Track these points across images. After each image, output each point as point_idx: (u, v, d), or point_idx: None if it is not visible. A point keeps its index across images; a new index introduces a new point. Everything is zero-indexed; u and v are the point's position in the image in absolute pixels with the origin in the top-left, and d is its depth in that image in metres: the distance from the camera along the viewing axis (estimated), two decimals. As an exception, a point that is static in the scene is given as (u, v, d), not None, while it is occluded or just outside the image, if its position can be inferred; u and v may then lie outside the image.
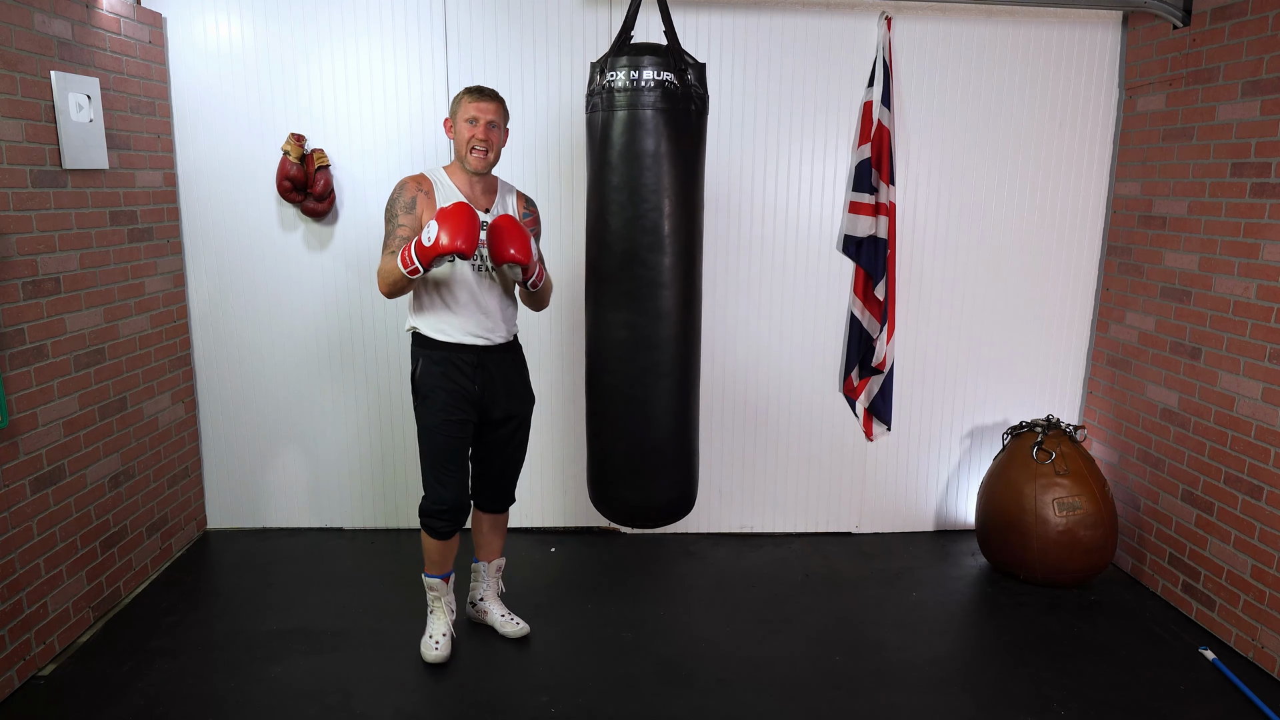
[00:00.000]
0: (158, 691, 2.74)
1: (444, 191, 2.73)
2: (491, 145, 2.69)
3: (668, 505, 2.67)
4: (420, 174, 2.77)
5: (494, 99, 2.71)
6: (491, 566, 3.13)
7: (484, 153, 2.69)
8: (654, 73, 2.37)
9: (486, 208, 2.76)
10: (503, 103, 2.74)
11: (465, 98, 2.69)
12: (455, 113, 2.71)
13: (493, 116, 2.69)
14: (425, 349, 2.78)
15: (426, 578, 2.97)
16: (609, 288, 2.53)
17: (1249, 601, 3.02)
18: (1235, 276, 3.09)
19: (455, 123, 2.70)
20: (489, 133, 2.68)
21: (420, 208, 2.68)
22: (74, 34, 2.94)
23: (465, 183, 2.75)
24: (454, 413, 2.77)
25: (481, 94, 2.70)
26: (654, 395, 2.54)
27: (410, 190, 2.70)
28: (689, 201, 2.49)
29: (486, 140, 2.68)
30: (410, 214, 2.68)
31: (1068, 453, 3.49)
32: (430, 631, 2.97)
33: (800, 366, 3.89)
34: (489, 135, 2.68)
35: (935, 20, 3.61)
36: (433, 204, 2.69)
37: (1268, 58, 2.93)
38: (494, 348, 2.82)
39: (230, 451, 3.88)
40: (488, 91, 2.71)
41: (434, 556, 2.93)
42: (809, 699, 2.77)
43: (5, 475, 2.66)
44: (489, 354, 2.81)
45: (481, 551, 3.13)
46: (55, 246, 2.86)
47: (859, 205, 3.66)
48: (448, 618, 3.00)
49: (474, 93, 2.70)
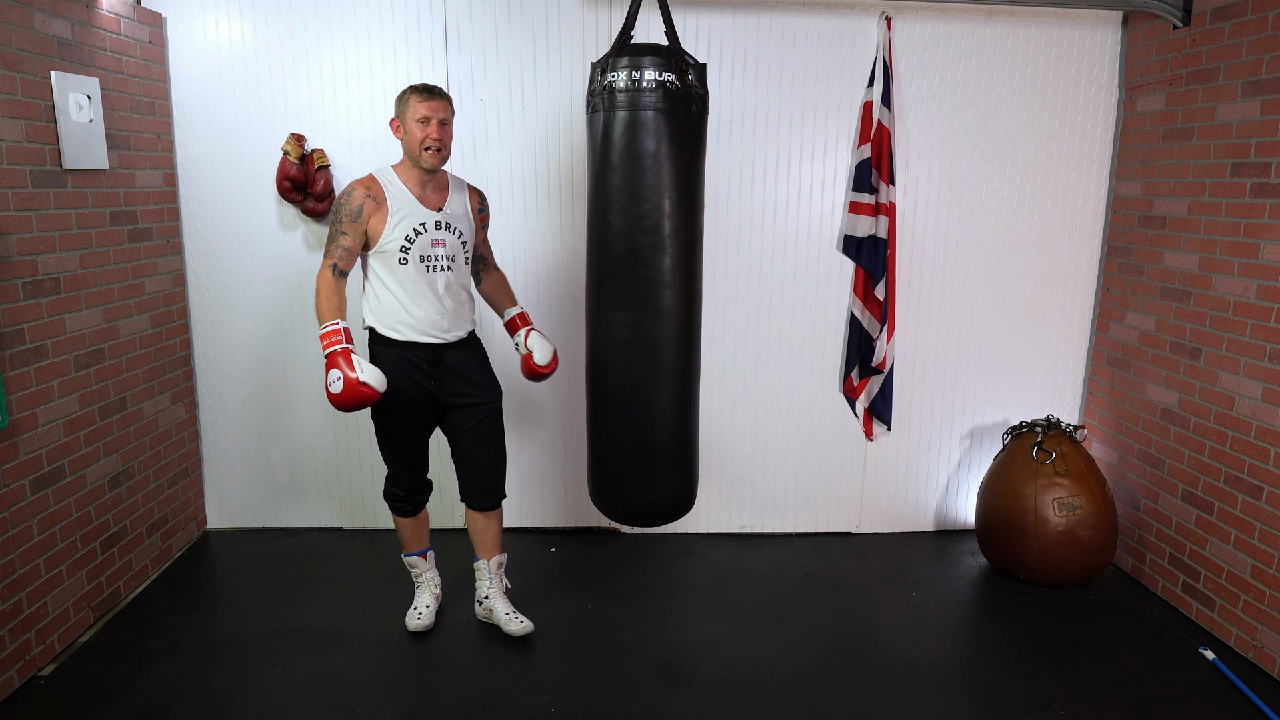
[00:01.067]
0: (158, 691, 2.74)
1: (394, 193, 2.75)
2: (445, 144, 2.74)
3: (668, 504, 2.67)
4: (369, 176, 2.79)
5: (443, 96, 2.75)
6: (492, 564, 3.12)
7: (437, 151, 2.73)
8: (655, 73, 2.37)
9: (439, 206, 2.81)
10: (450, 99, 2.78)
11: (414, 97, 2.72)
12: (403, 113, 2.73)
13: (444, 115, 2.73)
14: (381, 346, 2.84)
15: (405, 557, 3.14)
16: (610, 288, 2.53)
17: (1249, 601, 3.02)
18: (1235, 276, 3.09)
19: (405, 123, 2.73)
20: (442, 131, 2.72)
21: (368, 214, 2.71)
22: (74, 34, 2.94)
23: (416, 182, 2.79)
24: (407, 408, 2.85)
25: (431, 93, 2.73)
26: (655, 395, 2.54)
27: (358, 198, 2.72)
28: (690, 201, 2.50)
29: (440, 139, 2.72)
30: (355, 223, 2.71)
31: (1068, 453, 3.49)
32: (415, 603, 3.13)
33: (800, 366, 3.89)
34: (442, 134, 2.72)
35: (935, 20, 3.61)
36: (383, 210, 2.73)
37: (1268, 58, 2.94)
38: (450, 344, 2.87)
39: (230, 451, 3.88)
40: (436, 90, 2.75)
41: (405, 534, 3.10)
42: (809, 699, 2.77)
43: (5, 475, 2.66)
44: (445, 350, 2.86)
45: (480, 550, 3.12)
46: (55, 246, 2.86)
47: (859, 205, 3.66)
48: (432, 590, 3.16)
49: (423, 92, 2.72)
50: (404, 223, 2.74)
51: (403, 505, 3.04)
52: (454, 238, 2.83)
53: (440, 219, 2.80)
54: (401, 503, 3.03)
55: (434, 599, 3.16)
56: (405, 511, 3.05)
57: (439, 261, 2.79)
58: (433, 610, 3.13)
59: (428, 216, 2.78)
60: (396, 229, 2.73)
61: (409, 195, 2.77)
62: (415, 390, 2.84)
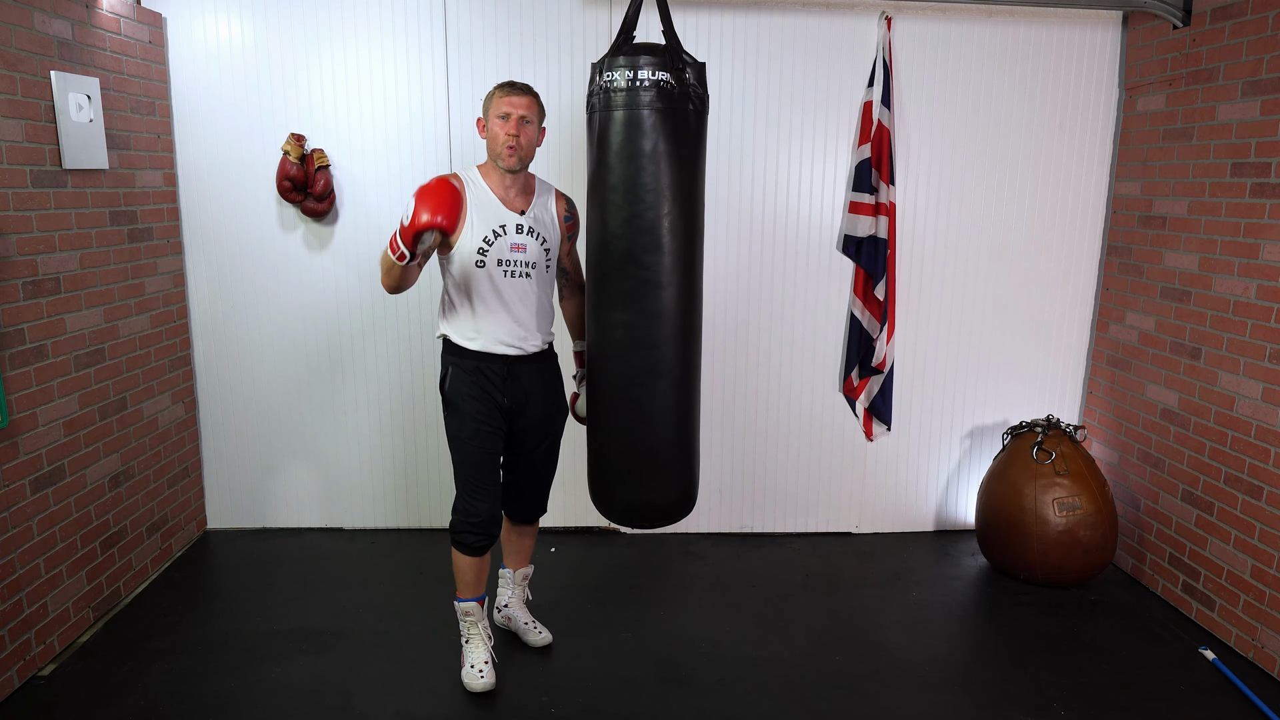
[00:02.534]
0: (158, 691, 2.74)
1: (475, 191, 2.58)
2: (525, 143, 2.54)
3: (666, 506, 2.66)
4: (453, 173, 2.63)
5: (526, 93, 2.56)
6: (518, 574, 3.09)
7: (513, 149, 2.53)
8: (651, 73, 2.37)
9: (523, 209, 2.62)
10: (536, 97, 2.59)
11: (497, 93, 2.55)
12: (487, 109, 2.57)
13: (524, 111, 2.54)
14: (455, 357, 2.67)
15: (459, 603, 2.80)
16: (607, 287, 2.53)
17: (1249, 601, 3.02)
18: (1235, 276, 3.09)
19: (487, 120, 2.57)
20: (521, 128, 2.53)
21: None
22: (74, 34, 2.94)
23: (499, 183, 2.61)
24: (485, 424, 2.65)
25: (514, 88, 2.55)
26: (651, 395, 2.54)
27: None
28: (688, 202, 2.49)
29: (517, 135, 2.52)
30: None
31: (1068, 453, 3.49)
32: (471, 661, 2.78)
33: (800, 366, 3.89)
34: (520, 130, 2.53)
35: (935, 20, 3.61)
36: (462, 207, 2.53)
37: (1268, 58, 2.93)
38: (526, 358, 2.69)
39: (230, 451, 3.88)
40: (519, 85, 2.57)
41: (467, 576, 2.75)
42: (809, 699, 2.77)
43: (5, 475, 2.66)
44: (520, 364, 2.68)
45: (509, 559, 3.08)
46: (55, 246, 2.86)
47: (859, 205, 3.66)
48: (487, 644, 2.82)
49: (505, 87, 2.56)
50: (482, 223, 2.56)
51: (477, 540, 2.69)
52: (536, 243, 2.63)
53: (522, 222, 2.60)
54: (474, 536, 2.69)
55: (490, 651, 2.81)
56: (477, 549, 2.71)
57: (519, 267, 2.60)
58: (493, 666, 2.78)
59: (509, 218, 2.59)
60: (475, 229, 2.55)
61: (490, 195, 2.59)
62: (489, 403, 2.66)
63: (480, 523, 2.69)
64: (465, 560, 2.74)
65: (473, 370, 2.65)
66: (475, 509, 2.68)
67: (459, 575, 2.78)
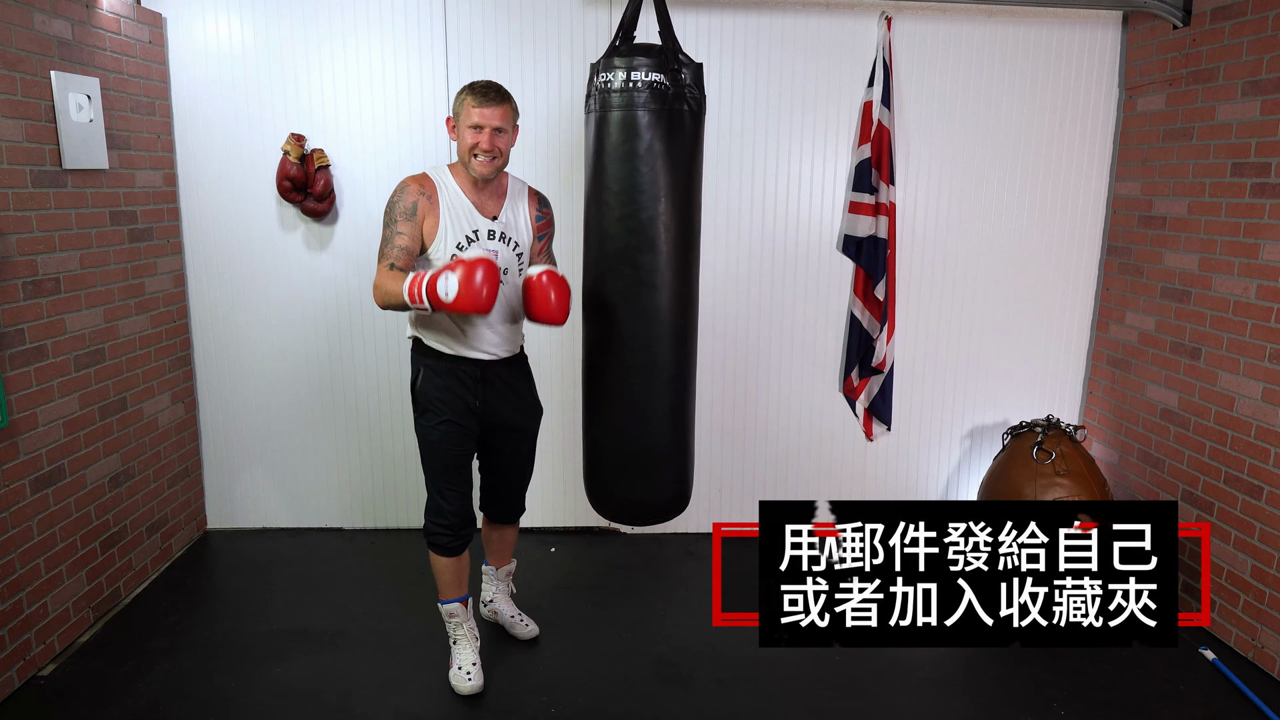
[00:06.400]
0: (158, 691, 2.74)
1: (447, 195, 2.54)
2: (498, 153, 2.50)
3: (661, 503, 2.67)
4: (423, 174, 2.58)
5: (500, 102, 2.47)
6: (501, 571, 3.11)
7: (489, 160, 2.49)
8: (646, 74, 2.37)
9: (495, 214, 2.59)
10: (511, 102, 2.51)
11: (469, 100, 2.46)
12: (458, 113, 2.49)
13: (499, 123, 2.47)
14: (426, 358, 2.64)
15: (443, 605, 2.79)
16: (602, 287, 2.54)
17: (1249, 601, 3.02)
18: (1235, 276, 3.08)
19: (458, 125, 2.49)
20: (494, 140, 2.47)
21: (422, 213, 2.50)
22: (74, 34, 2.94)
23: (471, 186, 2.57)
24: (456, 426, 2.64)
25: (487, 98, 2.45)
26: (644, 394, 2.55)
27: (412, 194, 2.50)
28: (684, 202, 2.49)
29: (492, 149, 2.47)
30: (410, 221, 2.49)
31: (1068, 453, 3.48)
32: (459, 663, 2.78)
33: (800, 366, 3.89)
34: (494, 143, 2.47)
35: (935, 20, 3.61)
36: (435, 209, 2.51)
37: (1268, 58, 2.93)
38: (498, 361, 2.68)
39: (230, 451, 3.88)
40: (493, 94, 2.46)
41: (446, 577, 2.76)
42: (809, 699, 2.77)
43: (5, 475, 2.66)
44: (492, 367, 2.67)
45: (492, 557, 3.10)
46: (55, 246, 2.86)
47: (859, 205, 3.66)
48: (474, 644, 2.81)
49: (478, 94, 2.46)
50: (455, 229, 2.53)
51: (449, 541, 2.69)
52: (508, 249, 2.60)
53: (494, 228, 2.57)
54: (448, 537, 2.69)
55: (477, 653, 2.80)
56: (451, 549, 2.71)
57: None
58: (480, 668, 2.77)
59: (481, 224, 2.56)
60: (448, 236, 2.52)
61: (463, 199, 2.55)
62: (461, 406, 2.64)
63: (451, 524, 2.69)
64: (442, 561, 2.74)
65: (445, 372, 2.62)
66: (444, 509, 2.69)
67: (438, 577, 2.79)
